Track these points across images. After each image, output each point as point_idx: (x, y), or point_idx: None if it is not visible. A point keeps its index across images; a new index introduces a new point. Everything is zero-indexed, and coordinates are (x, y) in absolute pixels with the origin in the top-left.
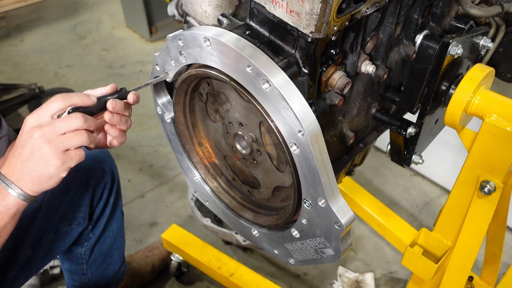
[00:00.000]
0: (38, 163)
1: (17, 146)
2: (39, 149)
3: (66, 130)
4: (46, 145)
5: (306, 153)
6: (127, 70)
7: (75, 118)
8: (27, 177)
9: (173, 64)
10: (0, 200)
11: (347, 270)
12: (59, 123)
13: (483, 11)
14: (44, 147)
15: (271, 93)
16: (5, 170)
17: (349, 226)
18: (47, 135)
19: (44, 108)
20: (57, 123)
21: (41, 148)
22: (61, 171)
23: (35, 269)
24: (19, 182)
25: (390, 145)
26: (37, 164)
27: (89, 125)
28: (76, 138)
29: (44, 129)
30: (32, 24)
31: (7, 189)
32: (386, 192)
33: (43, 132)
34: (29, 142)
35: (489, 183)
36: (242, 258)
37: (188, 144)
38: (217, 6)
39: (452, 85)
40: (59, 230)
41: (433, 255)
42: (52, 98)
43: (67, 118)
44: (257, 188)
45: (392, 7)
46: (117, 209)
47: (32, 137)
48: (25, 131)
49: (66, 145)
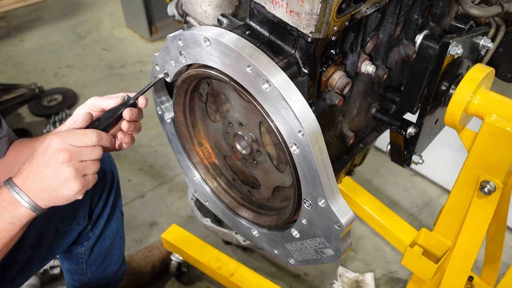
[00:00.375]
0: (60, 185)
1: (38, 162)
2: (64, 173)
3: (88, 159)
4: (72, 170)
5: (306, 153)
6: (127, 70)
7: (98, 149)
8: (44, 195)
9: (173, 64)
10: (14, 212)
11: (347, 270)
12: (85, 151)
13: (483, 11)
14: (68, 172)
15: (271, 93)
16: (19, 182)
17: (349, 226)
18: (73, 161)
19: (77, 137)
20: (84, 151)
21: (65, 172)
22: (79, 195)
23: (35, 269)
24: (34, 197)
25: (390, 145)
26: (59, 187)
27: (101, 157)
28: (95, 166)
29: (71, 154)
30: (32, 24)
31: (22, 202)
32: (386, 192)
33: (70, 157)
34: (54, 163)
35: (489, 183)
36: (242, 258)
37: (188, 144)
38: (217, 6)
39: (452, 85)
40: (59, 230)
41: (433, 255)
42: (87, 132)
43: (92, 148)
44: (257, 188)
45: (392, 7)
46: (116, 209)
47: (58, 159)
48: (50, 151)
49: (87, 171)
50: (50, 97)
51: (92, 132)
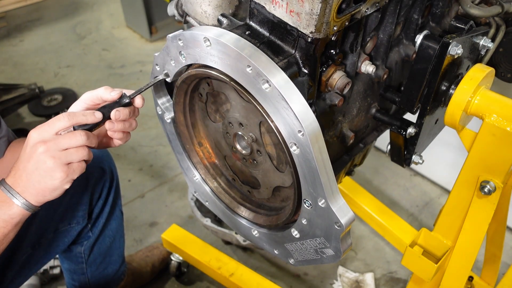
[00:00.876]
0: (42, 176)
1: (21, 159)
2: (44, 163)
3: (69, 146)
4: (50, 160)
5: (306, 153)
6: (127, 70)
7: (78, 135)
8: (31, 189)
9: (173, 64)
10: (5, 210)
11: (347, 270)
12: (63, 139)
13: (483, 11)
14: (48, 161)
15: (271, 93)
16: (11, 180)
17: (349, 226)
18: (51, 150)
19: (50, 124)
20: (61, 139)
21: (45, 162)
22: (65, 183)
23: (35, 269)
24: (24, 193)
25: (390, 145)
26: (42, 177)
27: (90, 142)
28: (78, 153)
29: (48, 144)
30: (32, 24)
31: (13, 199)
32: (386, 192)
33: (47, 147)
34: (34, 156)
35: (489, 183)
36: (242, 258)
37: (188, 144)
38: (217, 6)
39: (452, 85)
40: (59, 229)
41: (433, 255)
42: (58, 115)
43: (70, 135)
44: (257, 188)
45: (392, 7)
46: (116, 208)
47: (36, 152)
48: (29, 145)
49: (69, 159)
50: (50, 97)
51: (63, 114)
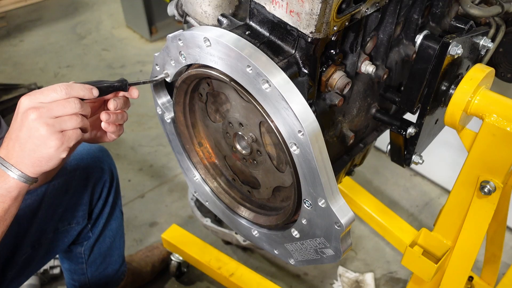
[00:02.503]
0: (36, 144)
1: (13, 128)
2: (37, 131)
3: (62, 114)
4: (44, 127)
5: (306, 153)
6: (127, 70)
7: (72, 102)
8: (26, 160)
9: (173, 64)
10: (1, 184)
11: (347, 270)
12: (56, 106)
13: (483, 11)
14: (41, 128)
15: (271, 93)
16: (3, 153)
17: (349, 226)
18: (43, 117)
19: (45, 93)
20: (54, 105)
21: (38, 130)
22: (61, 151)
23: (35, 268)
24: (19, 165)
25: (390, 145)
26: (36, 146)
27: (84, 111)
28: (72, 120)
29: (40, 111)
30: (32, 24)
31: (7, 171)
32: (386, 192)
33: (40, 113)
34: (25, 123)
35: (489, 183)
36: (242, 258)
37: (188, 144)
38: (217, 6)
39: (452, 85)
40: (59, 229)
41: (433, 255)
42: (55, 86)
43: (64, 102)
44: (257, 188)
45: (392, 7)
46: (116, 208)
47: (27, 119)
48: (20, 112)
49: (63, 127)
50: None
51: (59, 86)
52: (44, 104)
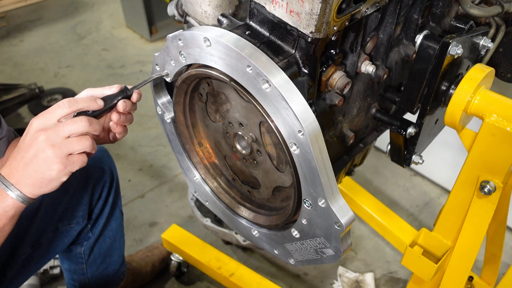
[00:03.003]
0: (40, 165)
1: (20, 148)
2: (43, 152)
3: (71, 134)
4: (50, 149)
5: (306, 153)
6: (127, 70)
7: (79, 121)
8: (27, 180)
9: (173, 64)
10: (3, 204)
11: (347, 270)
12: (64, 126)
13: (483, 11)
14: (47, 150)
15: (271, 93)
16: (5, 171)
17: (349, 226)
18: (51, 139)
19: (51, 111)
20: (62, 126)
21: (44, 151)
22: (62, 175)
23: (35, 268)
24: (18, 184)
25: (390, 145)
26: (39, 167)
27: (94, 129)
28: (80, 143)
29: (48, 132)
30: (32, 24)
31: (6, 190)
32: (386, 192)
33: (48, 135)
34: (33, 145)
35: (489, 183)
36: (242, 258)
37: (188, 144)
38: (217, 6)
39: (452, 85)
40: (59, 229)
41: (433, 255)
42: (59, 102)
43: (72, 122)
44: (257, 188)
45: (392, 7)
46: (116, 208)
47: (36, 140)
48: (29, 134)
49: (70, 150)
50: (50, 97)
51: (63, 101)
52: (52, 125)
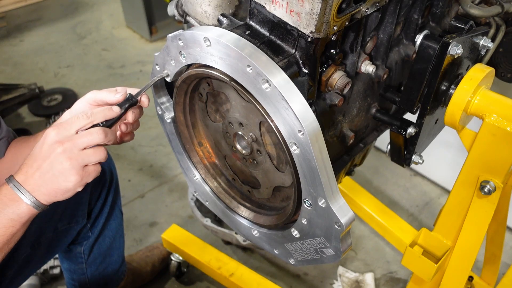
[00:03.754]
0: (57, 176)
1: (36, 157)
2: (60, 164)
3: (87, 146)
4: (67, 161)
5: (306, 153)
6: (127, 70)
7: (96, 133)
8: (43, 189)
9: (173, 64)
10: (14, 208)
11: (347, 270)
12: (81, 139)
13: (483, 11)
14: (65, 163)
15: (271, 93)
16: (21, 178)
17: (349, 226)
18: (68, 151)
19: (69, 123)
20: (79, 139)
21: (62, 163)
22: (78, 186)
23: (34, 268)
24: (34, 192)
25: (390, 145)
26: (56, 178)
27: (109, 140)
28: (96, 155)
29: (66, 145)
30: (32, 24)
31: (22, 197)
32: (386, 192)
33: (65, 147)
34: (51, 156)
35: (489, 183)
36: (242, 258)
37: (188, 144)
38: (217, 6)
39: (452, 85)
40: (58, 229)
41: (433, 255)
42: (78, 114)
43: (88, 134)
44: (257, 188)
45: (392, 7)
46: (115, 208)
47: (54, 152)
48: (47, 144)
49: (86, 161)
50: (50, 97)
51: (82, 115)
52: (69, 137)
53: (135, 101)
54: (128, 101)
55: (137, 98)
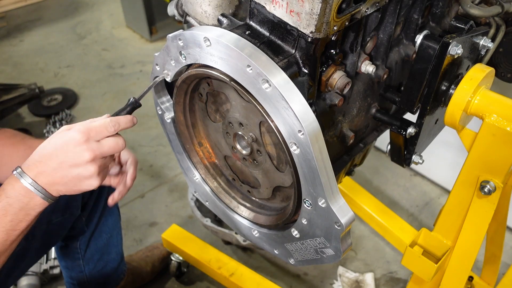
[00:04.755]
0: (81, 181)
1: (60, 160)
2: (88, 171)
3: (111, 152)
4: (97, 169)
5: (306, 153)
6: (127, 70)
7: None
8: (62, 187)
9: (173, 64)
10: (30, 204)
11: (347, 270)
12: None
13: (483, 11)
14: (94, 170)
15: (271, 93)
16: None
17: (349, 226)
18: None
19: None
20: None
21: (90, 171)
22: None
23: (31, 262)
24: (51, 189)
25: (390, 145)
26: (80, 182)
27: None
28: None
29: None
30: (32, 24)
31: (38, 194)
32: (386, 192)
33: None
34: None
35: (489, 183)
36: (242, 258)
37: (188, 144)
38: (217, 6)
39: (452, 85)
40: (52, 221)
41: (433, 255)
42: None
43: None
44: (257, 188)
45: (392, 7)
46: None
47: (83, 159)
48: (73, 149)
49: (107, 165)
50: (50, 97)
51: (110, 122)
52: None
53: (139, 104)
54: (131, 103)
55: (138, 101)
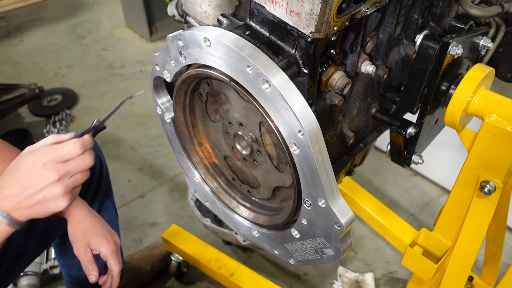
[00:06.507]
0: (47, 202)
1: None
2: (53, 192)
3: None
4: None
5: (306, 153)
6: (127, 70)
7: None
8: (29, 211)
9: (173, 64)
10: None
11: (347, 270)
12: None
13: (483, 11)
14: (59, 190)
15: (271, 93)
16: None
17: (349, 226)
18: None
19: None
20: (73, 167)
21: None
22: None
23: (30, 259)
24: (17, 214)
25: (390, 145)
26: (46, 203)
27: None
28: (84, 176)
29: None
30: (32, 24)
31: (3, 220)
32: (386, 192)
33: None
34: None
35: (489, 183)
36: (242, 258)
37: (188, 144)
38: (217, 6)
39: (452, 85)
40: (49, 218)
41: (433, 255)
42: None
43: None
44: (257, 188)
45: (392, 7)
46: (107, 199)
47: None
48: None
49: (76, 184)
50: (50, 97)
51: (74, 142)
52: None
53: (103, 127)
54: (96, 125)
55: (104, 123)
